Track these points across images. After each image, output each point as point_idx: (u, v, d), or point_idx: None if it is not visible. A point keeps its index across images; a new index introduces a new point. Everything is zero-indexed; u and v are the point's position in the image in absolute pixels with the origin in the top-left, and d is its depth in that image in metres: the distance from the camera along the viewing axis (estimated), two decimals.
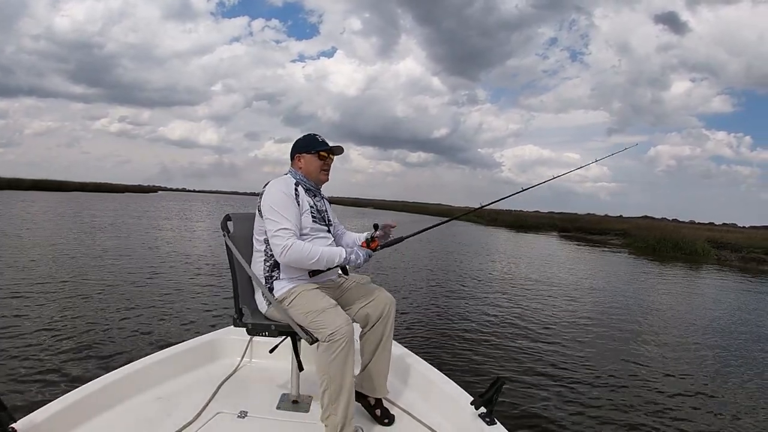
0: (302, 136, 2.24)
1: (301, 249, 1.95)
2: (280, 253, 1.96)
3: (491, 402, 1.92)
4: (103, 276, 7.36)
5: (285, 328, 2.05)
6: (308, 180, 2.20)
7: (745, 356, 5.66)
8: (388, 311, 2.13)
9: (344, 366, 1.84)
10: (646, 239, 23.77)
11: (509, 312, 6.98)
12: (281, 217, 1.99)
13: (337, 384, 1.84)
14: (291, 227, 1.99)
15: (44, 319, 4.92)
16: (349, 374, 1.86)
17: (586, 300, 8.58)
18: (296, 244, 1.95)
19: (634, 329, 6.54)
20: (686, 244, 21.46)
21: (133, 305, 5.73)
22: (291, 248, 1.94)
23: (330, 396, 1.86)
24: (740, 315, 8.42)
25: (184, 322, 5.22)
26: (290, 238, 1.96)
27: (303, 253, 1.95)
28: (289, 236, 1.96)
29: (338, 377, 1.84)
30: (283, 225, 1.98)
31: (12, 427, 1.55)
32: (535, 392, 3.98)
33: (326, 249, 2.00)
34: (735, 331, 6.95)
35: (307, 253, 1.95)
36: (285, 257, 1.96)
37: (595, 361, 4.95)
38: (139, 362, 2.30)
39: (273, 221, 1.99)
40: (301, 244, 1.96)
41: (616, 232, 29.35)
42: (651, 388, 4.29)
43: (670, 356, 5.42)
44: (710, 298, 10.26)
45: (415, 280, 9.29)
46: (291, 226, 1.99)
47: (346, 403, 1.85)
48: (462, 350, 5.00)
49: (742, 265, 19.05)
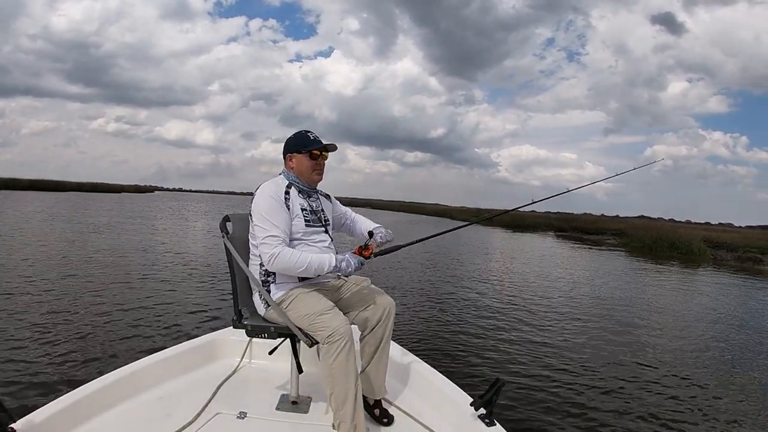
0: (293, 135, 2.17)
1: (289, 257, 1.93)
2: (268, 261, 1.95)
3: (491, 403, 1.92)
4: (101, 277, 7.33)
5: (284, 330, 2.04)
6: (301, 180, 2.15)
7: (742, 356, 5.69)
8: (388, 315, 2.13)
9: (347, 367, 1.84)
10: (642, 239, 23.82)
11: (509, 312, 6.99)
12: (269, 223, 1.96)
13: (342, 386, 1.84)
14: (279, 234, 1.96)
15: (43, 319, 4.90)
16: (353, 375, 1.85)
17: (584, 300, 8.60)
18: (283, 253, 1.93)
19: (633, 330, 6.56)
20: (682, 244, 21.52)
21: (132, 305, 5.71)
22: (278, 256, 1.92)
23: (337, 399, 1.85)
24: (736, 315, 8.44)
25: (184, 322, 5.21)
26: (277, 246, 1.94)
27: (291, 262, 1.93)
28: (276, 244, 1.94)
29: (342, 379, 1.84)
30: (271, 232, 1.95)
31: (11, 427, 1.55)
32: (535, 393, 3.98)
33: (315, 257, 1.97)
34: (732, 331, 6.98)
35: (295, 261, 1.93)
36: (272, 265, 1.95)
37: (594, 361, 4.97)
38: (139, 363, 2.30)
39: (261, 228, 1.97)
40: (289, 252, 1.94)
41: (612, 232, 29.34)
42: (650, 389, 4.31)
43: (668, 356, 5.44)
44: (707, 298, 10.27)
45: (413, 279, 9.29)
46: (279, 233, 1.96)
47: (353, 406, 1.84)
48: (461, 351, 5.00)
49: (738, 264, 19.13)
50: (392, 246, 2.19)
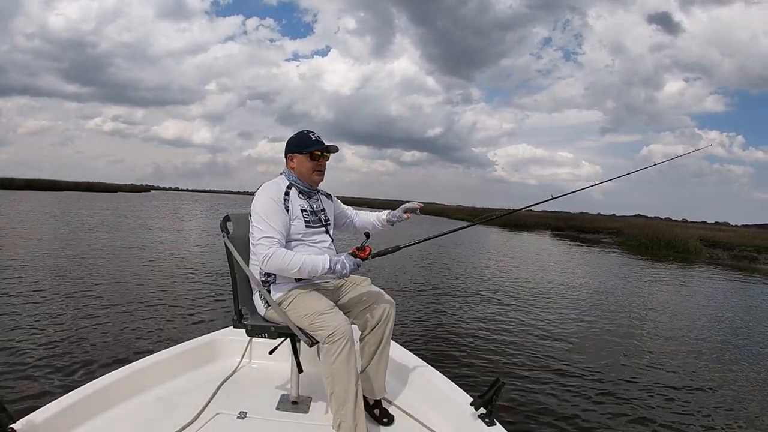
0: (294, 135, 2.15)
1: (282, 259, 1.92)
2: (262, 262, 1.95)
3: (491, 403, 1.93)
4: (99, 277, 7.30)
5: (284, 330, 2.04)
6: (302, 181, 2.14)
7: (740, 353, 5.74)
8: (388, 315, 2.13)
9: (347, 366, 1.84)
10: (638, 238, 23.89)
11: (509, 312, 7.00)
12: (266, 224, 1.96)
13: (342, 386, 1.84)
14: (274, 235, 1.96)
15: (42, 320, 4.89)
16: (353, 375, 1.85)
17: (583, 300, 8.60)
18: (277, 254, 1.92)
19: (632, 329, 6.57)
20: (678, 243, 21.60)
21: (131, 306, 5.70)
22: (272, 257, 1.92)
23: (337, 399, 1.85)
24: (733, 313, 8.51)
25: (184, 322, 5.20)
26: (272, 246, 1.93)
27: (284, 263, 1.92)
28: (271, 245, 1.94)
29: (343, 379, 1.83)
30: (267, 233, 1.95)
31: (11, 428, 1.55)
32: (535, 393, 3.99)
33: (308, 258, 1.96)
34: (730, 330, 7.02)
35: (288, 263, 1.92)
36: (266, 266, 1.95)
37: (594, 361, 4.98)
38: (139, 363, 2.30)
39: (258, 229, 1.97)
40: (282, 253, 1.93)
41: (609, 231, 29.38)
42: (650, 389, 4.31)
43: (666, 355, 5.46)
44: (703, 297, 10.33)
45: (413, 280, 9.29)
46: (275, 234, 1.96)
47: (353, 406, 1.84)
48: (461, 351, 5.00)
49: (735, 263, 19.22)
50: (392, 247, 2.16)
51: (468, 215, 40.88)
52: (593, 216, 45.29)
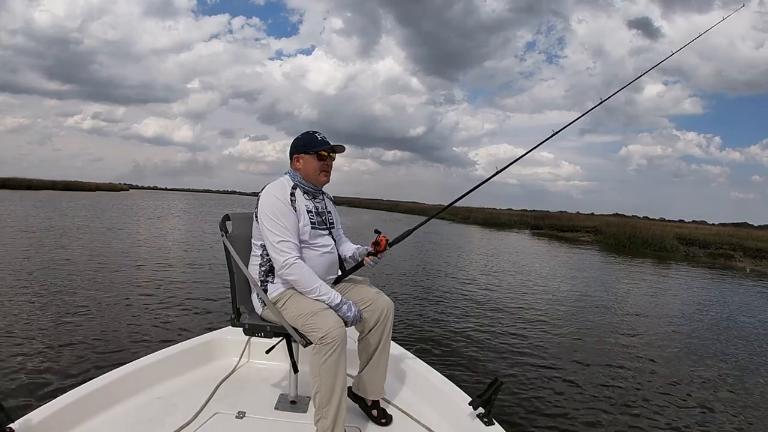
0: (300, 135, 2.12)
1: (302, 273, 1.94)
2: (280, 269, 1.95)
3: (489, 402, 1.94)
4: (97, 277, 7.21)
5: (279, 330, 2.03)
6: (307, 182, 2.12)
7: (722, 348, 5.96)
8: (387, 315, 2.11)
9: (336, 369, 1.83)
10: (616, 236, 24.40)
11: (508, 312, 7.09)
12: (281, 228, 1.95)
13: (328, 387, 1.83)
14: (292, 239, 1.96)
15: (40, 319, 4.85)
16: (341, 377, 1.85)
17: (579, 300, 8.75)
18: (298, 266, 1.94)
19: (631, 329, 6.72)
20: (655, 241, 22.13)
21: (129, 305, 5.66)
22: (292, 267, 1.93)
23: (321, 399, 1.85)
24: (710, 309, 8.78)
25: (183, 322, 5.18)
26: (294, 255, 1.94)
27: (302, 278, 1.94)
28: (292, 252, 1.95)
29: (329, 380, 1.83)
30: (284, 237, 1.94)
31: (10, 427, 1.54)
32: (534, 392, 4.03)
33: (324, 286, 1.97)
34: (711, 325, 7.24)
35: (306, 280, 1.94)
36: (284, 274, 1.95)
37: (592, 360, 5.07)
38: (137, 362, 2.27)
39: (272, 232, 1.96)
40: (303, 268, 1.95)
41: (587, 229, 29.78)
42: (649, 387, 4.40)
43: (665, 355, 5.58)
44: (682, 293, 10.64)
45: (411, 280, 9.33)
46: (292, 238, 1.96)
47: (336, 407, 1.83)
48: (460, 350, 5.03)
49: (710, 260, 19.78)
50: (404, 232, 2.25)
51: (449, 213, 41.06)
52: (572, 215, 45.92)
